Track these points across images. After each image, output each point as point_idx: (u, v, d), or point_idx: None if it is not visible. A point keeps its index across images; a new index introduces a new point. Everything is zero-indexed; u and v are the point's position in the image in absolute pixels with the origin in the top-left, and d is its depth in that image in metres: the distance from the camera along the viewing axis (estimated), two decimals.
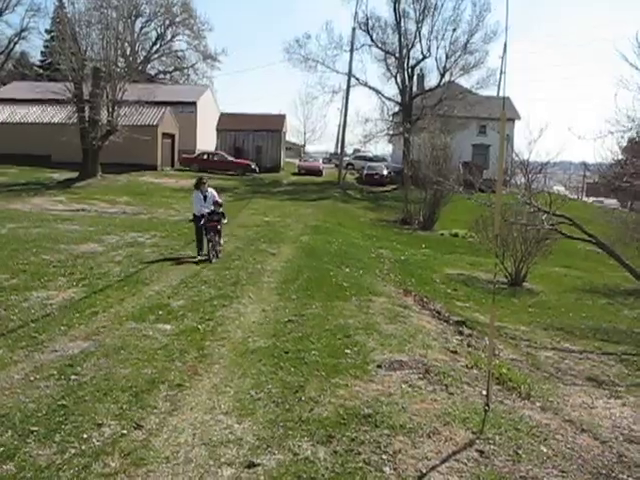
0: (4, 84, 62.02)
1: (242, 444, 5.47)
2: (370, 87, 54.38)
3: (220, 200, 15.82)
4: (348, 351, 8.21)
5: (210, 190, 15.64)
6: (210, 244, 15.02)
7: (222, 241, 15.74)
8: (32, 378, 6.93)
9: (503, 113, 7.28)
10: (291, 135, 76.82)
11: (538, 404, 7.09)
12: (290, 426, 5.86)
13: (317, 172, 53.94)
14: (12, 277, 11.90)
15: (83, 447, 5.34)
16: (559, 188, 39.73)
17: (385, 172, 51.75)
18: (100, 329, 8.91)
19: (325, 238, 20.48)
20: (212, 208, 15.31)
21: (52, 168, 40.81)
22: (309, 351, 8.11)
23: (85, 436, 5.53)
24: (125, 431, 5.67)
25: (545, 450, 5.71)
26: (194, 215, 15.65)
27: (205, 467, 5.06)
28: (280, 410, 6.24)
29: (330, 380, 7.08)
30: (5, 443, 5.37)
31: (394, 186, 47.14)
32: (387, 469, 5.11)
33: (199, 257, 15.01)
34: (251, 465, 5.10)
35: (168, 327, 9.10)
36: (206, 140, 54.65)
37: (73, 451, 5.26)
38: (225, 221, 15.93)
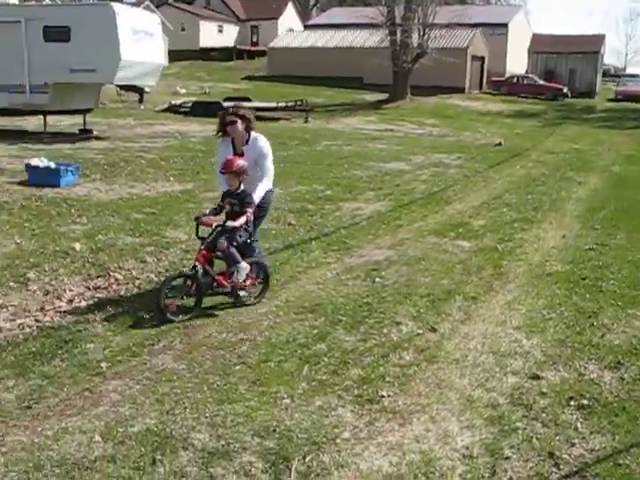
0: (323, 11, 65.61)
1: (528, 358, 5.64)
2: None
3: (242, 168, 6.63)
4: None
5: (258, 139, 7.02)
6: None
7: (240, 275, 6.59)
8: (342, 277, 7.74)
9: None
10: (610, 57, 71.07)
11: None
12: (578, 348, 5.87)
13: (638, 98, 49.43)
14: (327, 189, 13.10)
15: (383, 340, 5.92)
16: None
17: None
18: (403, 240, 9.51)
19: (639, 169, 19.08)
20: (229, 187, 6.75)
21: (364, 90, 42.76)
22: (607, 280, 7.88)
23: (385, 331, 6.12)
24: (420, 331, 6.14)
25: None
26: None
27: (491, 372, 5.33)
28: (570, 332, 6.25)
29: (627, 310, 6.87)
30: (319, 327, 6.19)
31: None
32: None
33: None
34: (535, 377, 5.26)
35: (467, 244, 9.40)
36: (516, 62, 52.84)
37: (374, 342, 5.87)
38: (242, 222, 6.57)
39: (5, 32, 19.82)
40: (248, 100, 31.67)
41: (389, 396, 4.85)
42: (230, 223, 6.49)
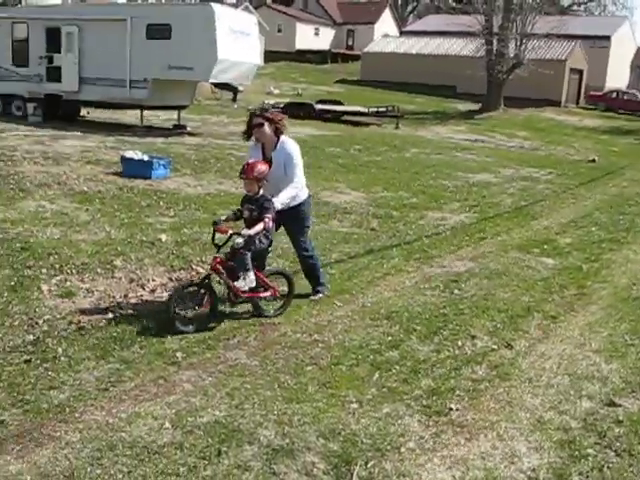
0: (420, 17, 65.31)
1: (606, 383, 5.46)
2: None
3: (262, 174, 6.17)
4: None
5: (285, 143, 6.59)
6: None
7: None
8: (421, 286, 7.70)
9: None
10: None
11: None
12: None
13: None
14: (412, 196, 13.07)
15: (456, 352, 5.86)
16: None
17: None
18: (486, 253, 9.37)
19: None
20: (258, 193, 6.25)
21: (456, 99, 42.34)
22: None
23: (459, 344, 6.04)
24: (495, 347, 6.04)
25: None
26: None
27: (565, 395, 5.19)
28: None
29: None
30: (393, 334, 6.18)
31: None
32: None
33: None
34: (611, 404, 5.09)
35: (551, 262, 9.18)
36: (616, 77, 51.20)
37: (447, 353, 5.82)
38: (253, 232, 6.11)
39: (111, 29, 20.68)
40: (340, 104, 31.92)
41: (458, 410, 4.80)
42: (245, 231, 6.03)
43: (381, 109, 30.13)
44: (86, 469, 3.87)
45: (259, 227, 6.07)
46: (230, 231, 6.18)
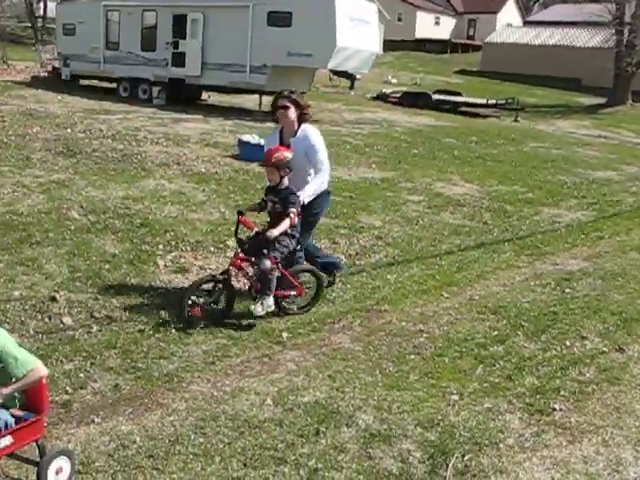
0: (546, 7, 63.14)
1: None
2: None
3: (285, 159, 5.77)
4: None
5: (307, 131, 6.19)
6: None
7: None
8: (531, 283, 7.51)
9: None
10: None
11: None
12: None
13: None
14: (528, 191, 12.72)
15: (564, 352, 5.69)
16: None
17: None
18: (602, 253, 9.02)
19: None
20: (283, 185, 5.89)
21: (580, 92, 40.74)
22: None
23: (567, 343, 5.87)
24: (606, 349, 5.82)
25: None
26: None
27: None
28: None
29: None
30: (499, 329, 6.08)
31: None
32: None
33: None
34: None
35: None
36: None
37: (554, 352, 5.66)
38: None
39: (234, 16, 21.23)
40: (459, 94, 31.42)
41: (561, 410, 4.68)
42: (270, 233, 5.58)
43: (500, 101, 29.43)
44: (190, 436, 4.06)
45: (284, 225, 5.66)
46: (255, 228, 5.83)
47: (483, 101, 29.48)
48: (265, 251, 5.65)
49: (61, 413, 4.21)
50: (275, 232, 5.59)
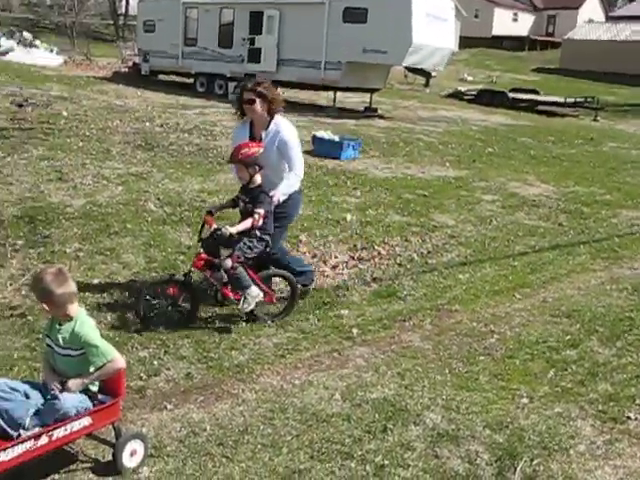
0: (630, 1, 61.05)
1: None
2: None
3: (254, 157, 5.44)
4: None
5: (280, 125, 5.79)
6: None
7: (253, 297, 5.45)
8: (607, 287, 7.31)
9: None
10: None
11: None
12: None
13: None
14: (606, 193, 12.39)
15: None
16: None
17: None
18: None
19: None
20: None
21: None
22: None
23: None
24: None
25: None
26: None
27: None
28: None
29: None
30: (573, 333, 5.94)
31: None
32: None
33: None
34: None
35: None
36: None
37: (630, 359, 5.49)
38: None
39: (309, 12, 21.35)
40: (536, 93, 30.83)
41: (636, 419, 4.54)
42: (226, 230, 5.18)
43: (579, 100, 28.70)
44: (259, 427, 4.13)
45: (244, 225, 5.31)
46: (214, 225, 5.36)
47: (561, 100, 28.79)
48: (224, 252, 5.35)
49: (135, 398, 4.34)
50: (232, 229, 5.21)
